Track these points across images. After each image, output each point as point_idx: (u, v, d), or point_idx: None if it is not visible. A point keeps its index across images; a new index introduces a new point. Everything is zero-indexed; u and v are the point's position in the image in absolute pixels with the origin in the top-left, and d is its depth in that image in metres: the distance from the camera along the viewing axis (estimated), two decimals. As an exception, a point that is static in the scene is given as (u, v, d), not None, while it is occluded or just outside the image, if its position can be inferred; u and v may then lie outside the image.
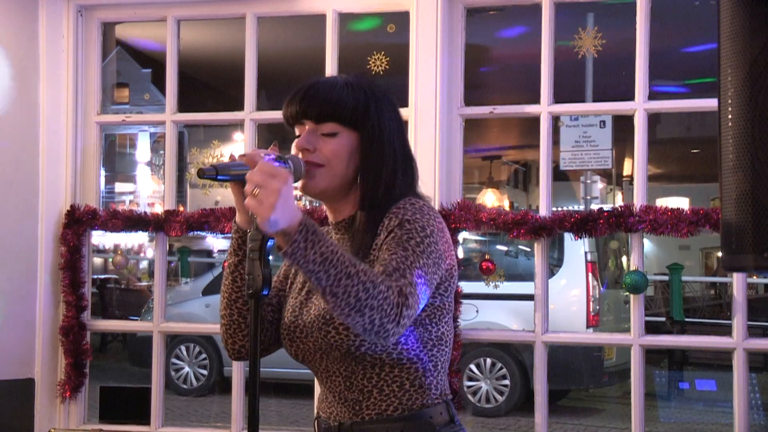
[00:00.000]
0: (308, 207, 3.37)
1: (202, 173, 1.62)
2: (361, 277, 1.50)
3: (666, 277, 11.12)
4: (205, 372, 9.19)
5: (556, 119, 3.72)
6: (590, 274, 7.96)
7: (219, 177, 1.64)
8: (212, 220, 3.33)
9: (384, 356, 1.70)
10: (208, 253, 16.37)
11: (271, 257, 1.62)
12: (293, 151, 1.76)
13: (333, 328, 1.69)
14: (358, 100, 1.74)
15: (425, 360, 1.74)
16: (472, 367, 8.13)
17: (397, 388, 1.72)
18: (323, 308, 1.71)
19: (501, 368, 8.21)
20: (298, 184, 1.75)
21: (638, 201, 3.06)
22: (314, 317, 1.73)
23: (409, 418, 1.72)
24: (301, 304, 1.80)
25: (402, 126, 1.83)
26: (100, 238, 14.17)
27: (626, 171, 18.73)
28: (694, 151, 16.47)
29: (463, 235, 3.71)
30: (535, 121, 3.19)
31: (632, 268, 3.09)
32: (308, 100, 1.75)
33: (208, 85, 10.96)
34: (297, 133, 1.78)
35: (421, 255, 1.61)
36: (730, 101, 1.53)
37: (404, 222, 1.66)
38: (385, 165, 1.75)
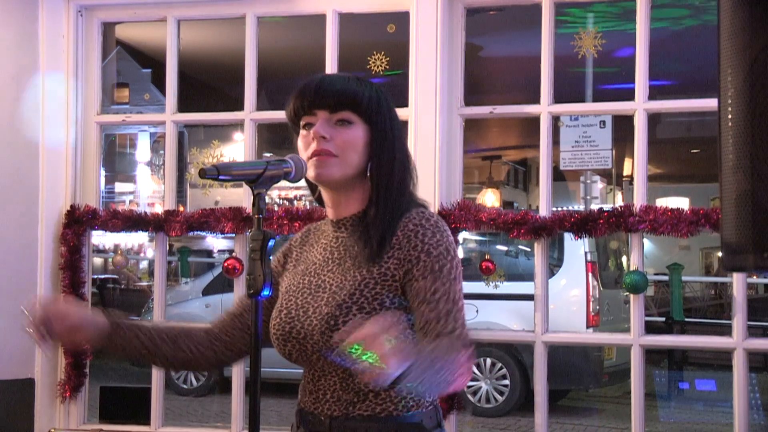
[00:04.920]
0: (308, 207, 3.36)
1: (203, 173, 1.63)
2: (443, 364, 1.57)
3: (666, 277, 11.13)
4: (205, 372, 9.17)
5: (556, 119, 3.71)
6: (590, 274, 7.96)
7: (220, 177, 1.64)
8: (212, 220, 3.33)
9: None
10: (208, 253, 16.39)
11: (271, 257, 1.62)
12: (303, 141, 1.76)
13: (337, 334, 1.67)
14: (371, 93, 1.77)
15: None
16: (472, 366, 8.12)
17: (394, 394, 1.72)
18: (326, 312, 1.71)
19: (501, 368, 8.21)
20: (310, 175, 1.76)
21: (638, 201, 3.06)
22: (317, 322, 1.71)
23: (402, 419, 1.72)
24: (296, 305, 1.78)
25: (403, 128, 1.87)
26: (100, 238, 14.16)
27: (626, 171, 18.73)
28: (694, 151, 16.47)
29: (463, 235, 3.72)
30: (535, 121, 3.19)
31: (632, 268, 3.09)
32: (323, 90, 1.75)
33: (208, 85, 10.96)
34: (303, 123, 1.77)
35: (454, 281, 1.71)
36: (730, 101, 1.53)
37: (429, 248, 1.71)
38: (398, 160, 1.77)
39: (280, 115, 3.62)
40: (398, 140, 1.79)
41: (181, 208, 3.66)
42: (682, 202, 13.64)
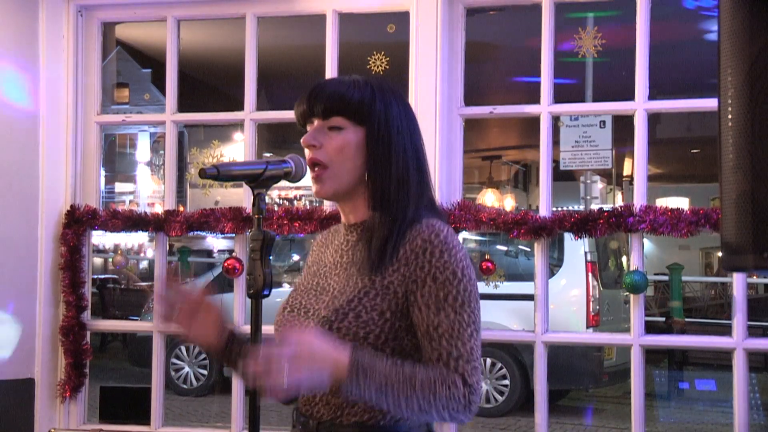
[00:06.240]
0: (308, 207, 3.36)
1: (203, 173, 1.63)
2: (421, 392, 1.57)
3: (666, 277, 11.13)
4: (205, 372, 9.19)
5: (556, 119, 3.72)
6: (590, 274, 7.96)
7: (220, 177, 1.64)
8: (212, 220, 3.33)
9: None
10: (208, 253, 16.38)
11: (271, 257, 1.62)
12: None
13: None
14: (364, 94, 1.72)
15: None
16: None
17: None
18: (323, 316, 1.68)
19: (501, 368, 8.21)
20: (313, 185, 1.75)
21: (638, 201, 3.06)
22: (313, 324, 1.68)
23: (389, 429, 1.68)
24: (299, 305, 1.76)
25: (414, 124, 1.80)
26: (100, 238, 14.16)
27: (626, 171, 18.74)
28: (694, 151, 16.48)
29: (463, 235, 3.72)
30: (535, 121, 3.19)
31: (632, 268, 3.09)
32: (315, 97, 1.73)
33: (208, 85, 10.96)
34: (308, 130, 1.76)
35: (461, 308, 1.64)
36: (730, 101, 1.53)
37: (435, 272, 1.64)
38: (395, 160, 1.72)
39: (280, 115, 3.65)
40: (398, 140, 1.73)
41: (181, 208, 3.66)
42: (682, 202, 13.65)
